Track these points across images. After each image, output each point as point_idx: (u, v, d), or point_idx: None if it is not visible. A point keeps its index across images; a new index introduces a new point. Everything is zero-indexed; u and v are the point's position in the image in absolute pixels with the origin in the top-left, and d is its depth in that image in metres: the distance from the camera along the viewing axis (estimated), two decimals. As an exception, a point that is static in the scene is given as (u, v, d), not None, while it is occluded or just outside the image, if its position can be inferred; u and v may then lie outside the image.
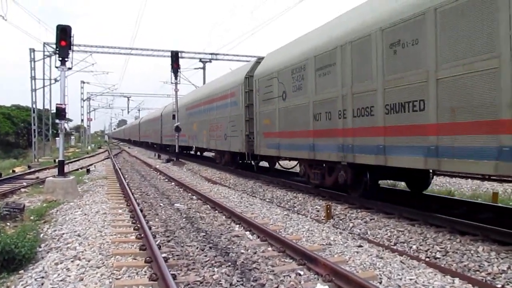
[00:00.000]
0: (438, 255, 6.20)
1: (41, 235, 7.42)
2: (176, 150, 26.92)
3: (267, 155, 14.43)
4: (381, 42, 8.08)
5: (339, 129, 9.55)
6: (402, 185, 12.07)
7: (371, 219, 8.34)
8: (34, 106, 32.59)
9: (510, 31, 5.58)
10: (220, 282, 4.97)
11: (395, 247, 6.79)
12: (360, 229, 8.01)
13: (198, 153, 29.86)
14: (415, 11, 7.19)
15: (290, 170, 16.47)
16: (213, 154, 22.97)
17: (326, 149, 10.19)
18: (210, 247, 6.53)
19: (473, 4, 6.13)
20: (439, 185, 13.75)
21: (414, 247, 6.66)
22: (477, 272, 5.48)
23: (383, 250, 6.58)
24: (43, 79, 33.17)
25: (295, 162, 14.65)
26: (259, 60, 15.59)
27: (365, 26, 8.62)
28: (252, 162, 16.68)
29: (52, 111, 33.64)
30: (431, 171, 9.25)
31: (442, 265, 5.82)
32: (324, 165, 10.95)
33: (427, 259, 6.13)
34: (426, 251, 6.42)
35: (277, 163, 17.30)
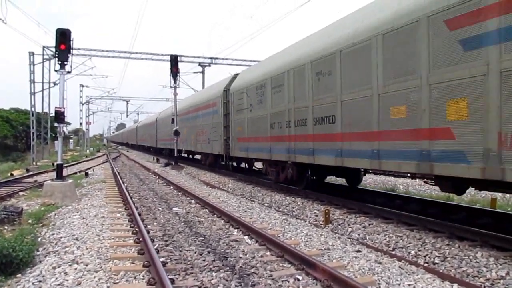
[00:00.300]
0: (436, 260, 6.19)
1: (39, 238, 7.40)
2: (175, 154, 26.90)
3: (239, 156, 16.81)
4: (310, 71, 10.70)
5: (286, 135, 12.15)
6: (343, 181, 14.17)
7: (369, 224, 8.34)
8: (33, 109, 32.59)
9: (377, 71, 8.15)
10: (218, 287, 4.96)
11: (393, 252, 6.78)
12: (358, 234, 8.01)
13: (190, 156, 31.11)
14: (330, 51, 9.82)
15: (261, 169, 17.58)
16: (200, 156, 26.08)
17: (279, 151, 12.78)
18: (209, 252, 6.51)
19: (359, 51, 8.74)
20: (437, 190, 13.74)
21: (412, 252, 6.65)
22: (476, 278, 5.48)
23: (381, 255, 6.57)
24: (42, 82, 33.25)
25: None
26: (235, 76, 18.33)
27: (301, 58, 11.30)
28: (228, 162, 19.14)
29: (51, 115, 33.66)
30: (362, 170, 11.82)
31: (441, 271, 5.82)
32: (277, 164, 13.49)
33: (426, 265, 6.12)
34: (424, 256, 6.42)
35: (254, 165, 19.72)
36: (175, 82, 27.36)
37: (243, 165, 20.33)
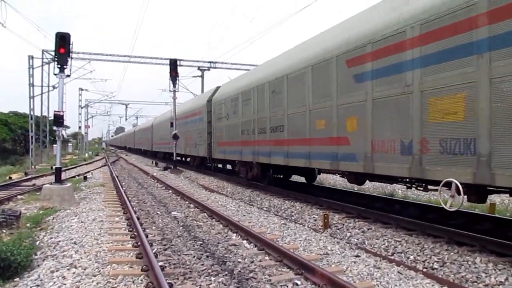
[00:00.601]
0: (435, 265, 6.19)
1: (37, 242, 7.37)
2: (174, 158, 26.88)
3: (219, 158, 19.38)
4: (268, 89, 13.39)
5: (252, 140, 14.90)
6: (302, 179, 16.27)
7: (368, 229, 8.33)
8: (32, 113, 32.56)
9: (308, 93, 10.71)
10: (217, 292, 4.95)
11: (392, 257, 6.78)
12: (357, 239, 8.00)
13: (184, 159, 31.57)
14: (281, 75, 12.48)
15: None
16: (189, 159, 28.89)
17: (247, 153, 15.46)
18: (207, 256, 6.50)
19: (298, 76, 11.31)
20: (436, 195, 13.73)
21: (411, 257, 6.65)
22: (475, 284, 5.48)
23: (380, 260, 6.57)
24: (41, 86, 33.22)
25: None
26: (217, 88, 20.79)
27: (261, 79, 14.09)
28: (211, 164, 21.57)
29: (50, 118, 33.64)
30: (316, 170, 13.60)
31: (440, 276, 5.81)
32: (246, 164, 16.11)
33: (425, 270, 6.12)
34: (423, 261, 6.41)
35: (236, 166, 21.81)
36: (174, 86, 27.39)
37: (229, 166, 22.28)
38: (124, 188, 15.14)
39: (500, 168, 5.68)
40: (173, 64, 27.08)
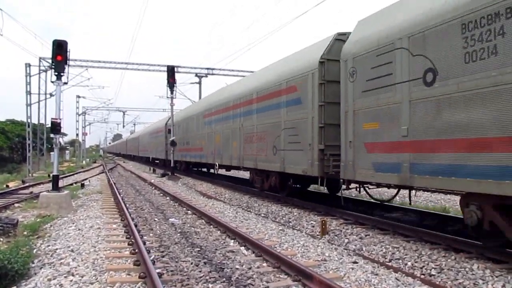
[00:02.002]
0: (433, 272, 6.19)
1: (35, 250, 7.35)
2: (172, 165, 26.85)
3: (158, 157, 26.28)
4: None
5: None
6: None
7: (366, 235, 8.34)
8: (29, 120, 32.52)
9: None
10: (215, 299, 4.94)
11: (390, 264, 6.78)
12: (355, 245, 8.00)
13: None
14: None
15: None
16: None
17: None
18: (205, 263, 6.49)
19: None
20: (433, 201, 13.79)
21: (409, 263, 6.65)
22: (472, 289, 5.48)
23: (378, 267, 6.57)
24: (39, 93, 33.17)
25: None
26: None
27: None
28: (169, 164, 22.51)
29: (47, 126, 33.58)
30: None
31: (437, 282, 5.82)
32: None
33: (422, 276, 6.12)
34: (421, 268, 6.42)
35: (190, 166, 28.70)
36: (171, 93, 27.42)
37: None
38: (121, 195, 15.11)
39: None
40: (171, 71, 27.13)
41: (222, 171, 21.88)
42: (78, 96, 54.49)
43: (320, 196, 14.07)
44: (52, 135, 13.28)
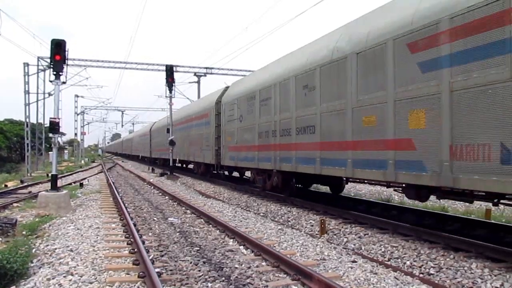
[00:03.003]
0: (432, 271, 6.20)
1: (33, 250, 7.34)
2: (170, 164, 26.85)
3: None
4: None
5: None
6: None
7: (365, 234, 8.34)
8: (27, 120, 32.48)
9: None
10: (214, 298, 4.94)
11: (389, 263, 6.79)
12: (354, 244, 8.00)
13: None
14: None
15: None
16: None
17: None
18: (204, 262, 6.49)
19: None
20: (432, 200, 13.78)
21: (408, 262, 6.66)
22: (471, 288, 5.49)
23: (377, 266, 6.58)
24: (37, 93, 33.15)
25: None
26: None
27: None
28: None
29: (46, 125, 33.54)
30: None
31: (436, 281, 5.82)
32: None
33: (421, 275, 6.13)
34: (420, 267, 6.42)
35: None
36: (170, 92, 27.39)
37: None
38: (120, 195, 15.11)
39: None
40: (169, 70, 27.11)
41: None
42: (77, 96, 54.52)
43: (320, 195, 14.07)
44: (50, 135, 13.24)
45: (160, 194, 16.78)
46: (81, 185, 19.80)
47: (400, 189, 8.87)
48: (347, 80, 8.91)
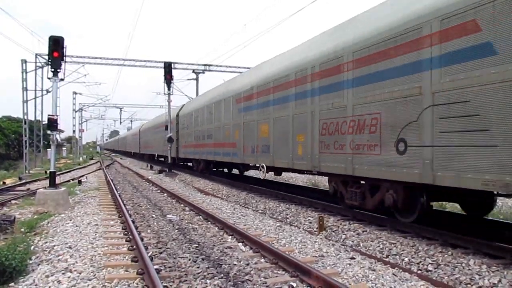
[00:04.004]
0: (430, 267, 6.22)
1: (32, 247, 7.34)
2: (169, 161, 26.85)
3: (109, 148, 32.26)
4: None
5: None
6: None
7: (363, 231, 8.36)
8: (25, 117, 32.42)
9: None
10: (213, 295, 4.95)
11: (387, 259, 6.81)
12: (352, 241, 8.03)
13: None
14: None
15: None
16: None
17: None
18: (203, 259, 6.51)
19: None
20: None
21: (406, 259, 6.67)
22: (469, 285, 5.50)
23: (375, 262, 6.60)
24: (35, 90, 33.07)
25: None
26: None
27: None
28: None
29: (44, 122, 33.49)
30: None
31: (434, 278, 5.84)
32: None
33: (419, 272, 6.15)
34: (418, 263, 6.44)
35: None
36: (169, 89, 27.38)
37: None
38: (119, 192, 15.11)
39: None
40: (168, 67, 27.08)
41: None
42: (75, 93, 54.42)
43: (316, 191, 14.10)
44: (49, 132, 13.22)
45: (159, 191, 16.79)
46: (80, 182, 19.79)
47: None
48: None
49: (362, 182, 9.14)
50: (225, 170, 23.20)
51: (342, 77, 9.01)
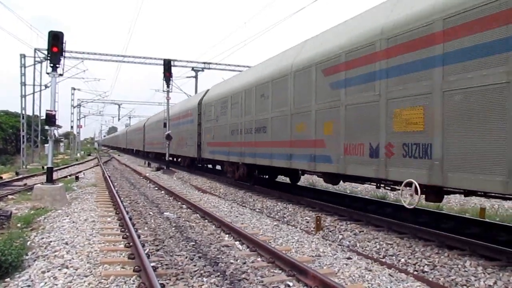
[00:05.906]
0: (426, 268, 6.24)
1: (28, 243, 7.32)
2: (167, 158, 26.82)
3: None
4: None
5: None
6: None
7: (360, 231, 8.37)
8: (23, 112, 32.32)
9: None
10: (209, 293, 4.95)
11: (384, 260, 6.82)
12: (349, 241, 8.04)
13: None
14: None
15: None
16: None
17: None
18: (200, 257, 6.51)
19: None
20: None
21: (402, 260, 6.69)
22: (464, 287, 5.52)
23: (372, 263, 6.61)
24: (33, 85, 32.95)
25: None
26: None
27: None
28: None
29: (42, 118, 33.39)
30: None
31: (430, 279, 5.86)
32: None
33: (415, 273, 6.16)
34: (414, 264, 6.46)
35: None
36: (168, 87, 27.33)
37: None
38: (116, 189, 15.09)
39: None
40: (167, 65, 27.02)
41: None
42: (74, 88, 54.24)
43: (314, 191, 14.11)
44: (46, 127, 13.19)
45: (156, 188, 16.77)
46: (77, 178, 19.76)
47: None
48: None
49: None
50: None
51: (180, 121, 18.95)
